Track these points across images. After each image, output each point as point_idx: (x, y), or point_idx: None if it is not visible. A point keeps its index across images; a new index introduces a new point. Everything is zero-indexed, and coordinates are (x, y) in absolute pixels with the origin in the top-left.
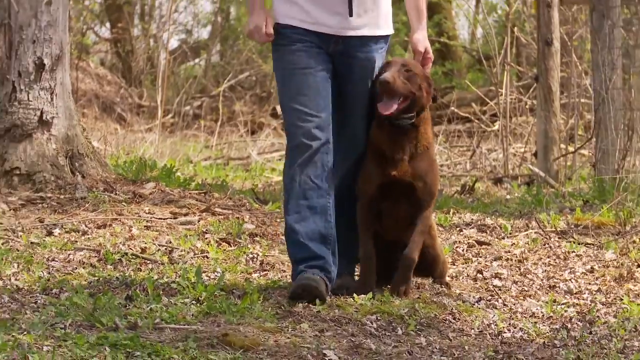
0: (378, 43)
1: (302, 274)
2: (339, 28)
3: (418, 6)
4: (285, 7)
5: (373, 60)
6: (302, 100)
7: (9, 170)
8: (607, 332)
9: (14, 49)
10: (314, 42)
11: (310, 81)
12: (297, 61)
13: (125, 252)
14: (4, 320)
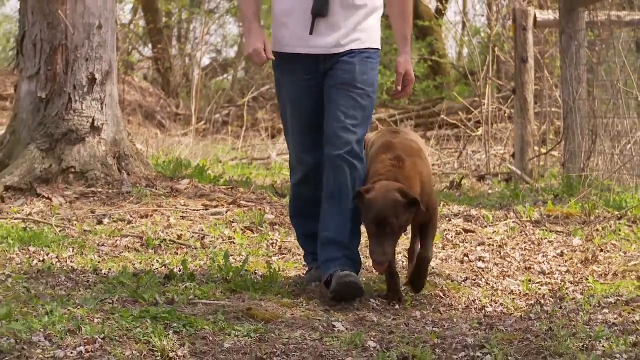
0: (361, 52)
1: (313, 266)
2: (328, 48)
3: (404, 34)
4: (279, 33)
5: (352, 64)
6: (293, 127)
7: (65, 168)
8: (575, 307)
9: (70, 65)
10: (305, 67)
11: (299, 112)
12: (290, 94)
13: (163, 238)
14: (61, 296)
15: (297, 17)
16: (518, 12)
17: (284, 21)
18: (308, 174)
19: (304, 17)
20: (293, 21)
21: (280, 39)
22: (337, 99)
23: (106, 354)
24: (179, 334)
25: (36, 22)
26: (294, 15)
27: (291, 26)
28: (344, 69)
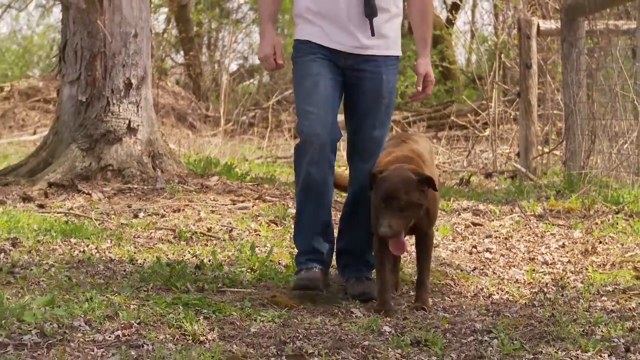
0: (388, 61)
1: (302, 270)
2: (352, 47)
3: (425, 38)
4: (306, 27)
5: (380, 74)
6: (311, 102)
7: (104, 166)
8: (576, 295)
9: (108, 71)
10: (327, 55)
11: (319, 86)
12: (310, 69)
13: (195, 231)
14: (100, 285)
15: (324, 18)
16: (523, 21)
17: (308, 18)
18: (321, 152)
19: (334, 18)
20: (322, 21)
21: (303, 30)
22: (368, 110)
23: (141, 338)
24: (208, 320)
25: (77, 31)
26: (320, 15)
27: (320, 24)
28: (372, 79)
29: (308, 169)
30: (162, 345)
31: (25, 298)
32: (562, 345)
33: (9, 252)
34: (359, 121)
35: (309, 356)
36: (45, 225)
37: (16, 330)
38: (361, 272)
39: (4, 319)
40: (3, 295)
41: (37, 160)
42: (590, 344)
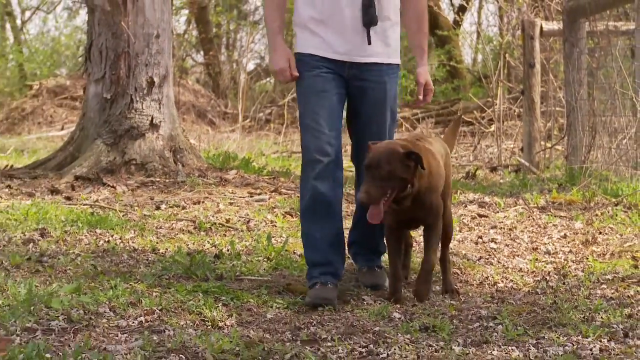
0: (389, 69)
1: (316, 284)
2: (354, 56)
3: (422, 46)
4: (307, 38)
5: (384, 83)
6: (317, 119)
7: (127, 161)
8: (577, 283)
9: (132, 70)
10: (330, 68)
11: (325, 103)
12: (315, 85)
13: (214, 222)
14: (124, 273)
15: (327, 27)
16: (526, 23)
17: (311, 28)
18: (328, 167)
19: (334, 27)
20: (324, 30)
21: (305, 41)
22: (372, 118)
23: (163, 324)
24: (227, 306)
25: (102, 32)
26: (324, 24)
27: (321, 34)
28: (375, 88)
29: (315, 183)
30: (182, 331)
31: (53, 285)
32: (564, 331)
33: (38, 242)
34: (363, 129)
35: (323, 341)
36: (72, 217)
37: (44, 316)
38: (373, 261)
39: (32, 306)
40: (32, 283)
41: (65, 155)
42: (591, 330)
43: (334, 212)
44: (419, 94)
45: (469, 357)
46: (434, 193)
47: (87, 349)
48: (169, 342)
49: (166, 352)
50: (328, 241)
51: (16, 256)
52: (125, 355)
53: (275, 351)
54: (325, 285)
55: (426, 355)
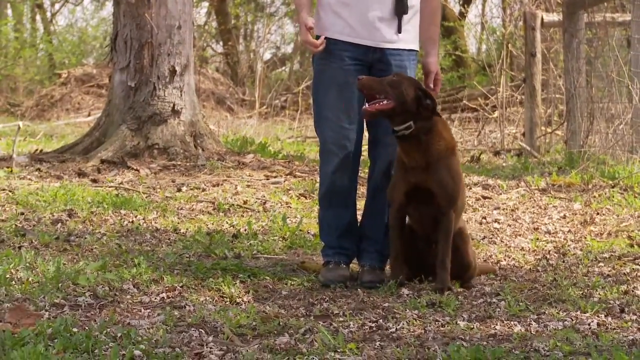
0: (410, 55)
1: (330, 262)
2: (379, 41)
3: (433, 38)
4: (330, 21)
5: (405, 68)
6: (336, 112)
7: (150, 145)
8: (575, 261)
9: (155, 60)
10: (353, 55)
11: (345, 96)
12: (336, 77)
13: (232, 204)
14: (147, 251)
15: (353, 10)
16: (528, 14)
17: (337, 10)
18: (346, 161)
19: (361, 11)
20: (347, 13)
21: (329, 25)
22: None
23: (184, 300)
24: (244, 283)
25: (127, 24)
26: (350, 7)
27: (345, 17)
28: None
29: (332, 177)
30: (202, 306)
31: (79, 263)
32: (563, 306)
33: (66, 222)
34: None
35: (335, 316)
36: (98, 198)
37: (71, 293)
38: (374, 260)
39: (60, 282)
40: (60, 261)
41: (91, 140)
42: (589, 306)
43: (349, 201)
44: (428, 83)
45: (474, 331)
46: (451, 170)
47: (112, 323)
48: (190, 317)
49: (187, 327)
50: (342, 228)
51: (45, 235)
52: (148, 329)
53: (289, 326)
54: (338, 265)
55: (433, 329)
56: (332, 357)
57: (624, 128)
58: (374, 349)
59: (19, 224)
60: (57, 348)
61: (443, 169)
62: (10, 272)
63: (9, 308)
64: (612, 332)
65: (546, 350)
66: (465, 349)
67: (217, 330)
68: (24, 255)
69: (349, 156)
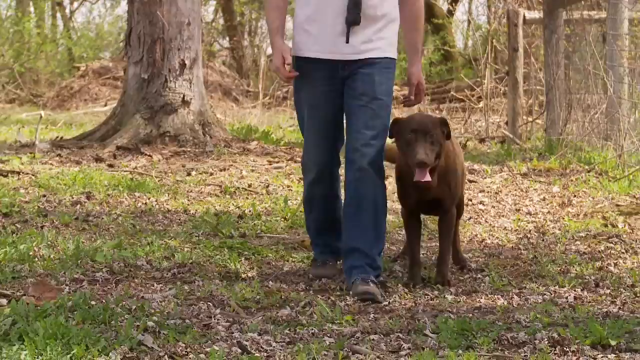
0: (381, 62)
1: (317, 261)
2: (346, 54)
3: (416, 45)
4: (301, 39)
5: (373, 75)
6: (310, 131)
7: (162, 133)
8: (554, 240)
9: (166, 54)
10: (324, 74)
11: (317, 116)
12: (308, 99)
13: (238, 187)
14: (159, 231)
15: (320, 25)
16: (511, 12)
17: (306, 28)
18: (323, 174)
19: (327, 25)
20: (316, 28)
21: (301, 44)
22: (359, 112)
23: (193, 275)
24: (249, 260)
25: (140, 20)
26: (317, 22)
27: (314, 33)
28: (364, 80)
29: (310, 187)
30: (210, 282)
31: (97, 242)
32: (543, 281)
33: (84, 204)
34: (350, 122)
35: (332, 291)
36: (113, 182)
37: (90, 269)
38: (367, 273)
39: (79, 259)
40: (79, 240)
41: (107, 128)
42: (566, 281)
43: (330, 207)
44: (410, 94)
45: (460, 304)
46: (455, 175)
47: (127, 297)
48: (199, 291)
49: (196, 300)
50: (325, 229)
51: (65, 216)
52: (160, 302)
53: (291, 299)
54: (325, 264)
55: (422, 302)
56: (330, 328)
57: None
58: (369, 321)
59: (41, 205)
60: (76, 319)
61: (447, 178)
62: (33, 250)
63: (32, 283)
64: (587, 305)
65: (527, 321)
66: (453, 320)
67: (223, 303)
68: (46, 234)
69: (325, 171)
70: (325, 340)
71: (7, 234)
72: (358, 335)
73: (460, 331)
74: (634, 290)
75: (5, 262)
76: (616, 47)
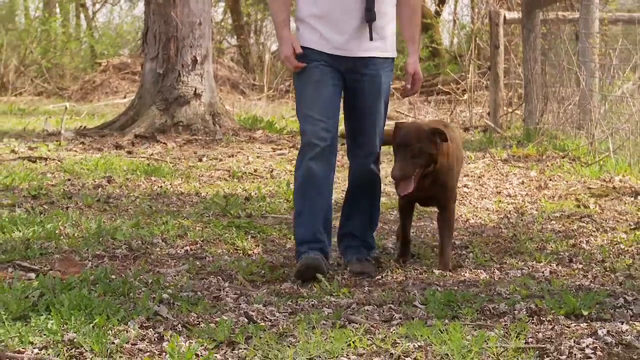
0: (384, 63)
1: (305, 255)
2: (352, 51)
3: (414, 38)
4: (307, 33)
5: (379, 76)
6: (314, 108)
7: (176, 123)
8: (532, 219)
9: (179, 51)
10: (328, 61)
11: (322, 92)
12: (312, 75)
13: (244, 172)
14: (173, 212)
15: (326, 23)
16: (493, 13)
17: (312, 24)
18: (324, 151)
19: (333, 22)
20: (323, 25)
21: (307, 39)
22: (368, 111)
23: (204, 252)
24: (255, 238)
25: (156, 20)
26: (323, 20)
27: (320, 29)
28: (371, 82)
29: (309, 164)
30: (219, 257)
31: (117, 221)
32: (521, 257)
33: (105, 187)
34: (358, 120)
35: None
36: (132, 167)
37: (110, 246)
38: (362, 253)
39: (101, 237)
40: (100, 219)
41: (126, 118)
42: (543, 257)
43: (324, 191)
44: (407, 84)
45: (446, 278)
46: (451, 174)
47: (144, 271)
48: (209, 266)
49: (206, 274)
50: (318, 219)
51: (88, 198)
52: (174, 276)
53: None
54: (314, 257)
55: (412, 276)
56: (328, 299)
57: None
58: (363, 293)
59: (66, 188)
60: (98, 292)
61: (447, 179)
62: (59, 229)
63: (58, 259)
64: (562, 279)
65: (507, 293)
66: (440, 293)
67: (232, 277)
68: (71, 214)
69: (326, 148)
70: (324, 311)
71: (36, 214)
72: (354, 306)
73: (446, 302)
74: (604, 265)
75: (34, 240)
76: (588, 45)
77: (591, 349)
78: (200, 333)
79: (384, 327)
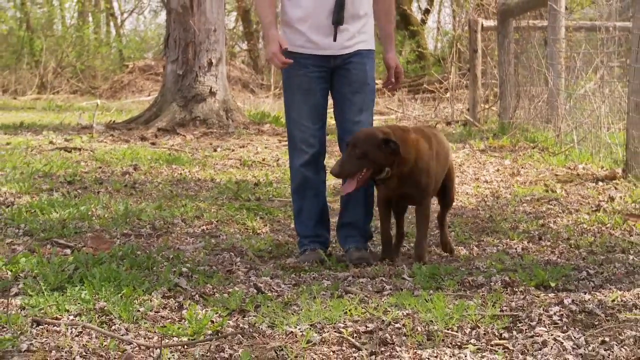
0: (369, 53)
1: (306, 250)
2: (337, 49)
3: (390, 34)
4: (293, 36)
5: (365, 64)
6: (302, 114)
7: (194, 117)
8: (506, 202)
9: (197, 54)
10: (316, 62)
11: (310, 100)
12: (302, 84)
13: (254, 160)
14: (191, 195)
15: (311, 25)
16: (471, 21)
17: (298, 27)
18: (314, 156)
19: (317, 24)
20: (307, 28)
21: (293, 41)
22: (353, 98)
23: (219, 231)
24: (263, 219)
25: (176, 28)
26: (308, 23)
27: (305, 32)
28: (357, 69)
29: (303, 170)
30: (232, 236)
31: (142, 204)
32: (497, 236)
33: (132, 174)
34: (346, 108)
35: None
36: (155, 156)
37: (136, 225)
38: (359, 242)
39: (128, 218)
40: (127, 202)
41: (150, 114)
42: (515, 235)
43: (319, 192)
44: (390, 77)
45: (431, 254)
46: (422, 174)
47: (166, 248)
48: (223, 244)
49: (220, 251)
50: (316, 217)
51: (117, 183)
52: (192, 252)
53: (296, 250)
54: (314, 250)
55: (401, 253)
56: (327, 273)
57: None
58: (358, 267)
59: (98, 175)
60: (125, 266)
61: (415, 175)
62: (91, 210)
63: (90, 237)
64: (532, 254)
65: (484, 267)
66: (425, 267)
67: (243, 253)
68: (101, 198)
69: (315, 154)
70: (324, 283)
71: (71, 198)
72: (350, 279)
73: (431, 275)
74: (569, 242)
75: (69, 220)
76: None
77: (558, 316)
78: (215, 302)
79: (377, 297)
